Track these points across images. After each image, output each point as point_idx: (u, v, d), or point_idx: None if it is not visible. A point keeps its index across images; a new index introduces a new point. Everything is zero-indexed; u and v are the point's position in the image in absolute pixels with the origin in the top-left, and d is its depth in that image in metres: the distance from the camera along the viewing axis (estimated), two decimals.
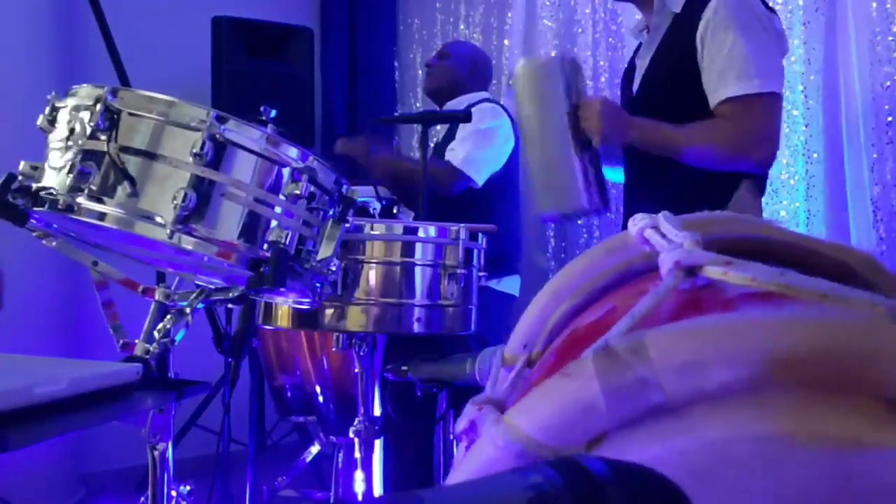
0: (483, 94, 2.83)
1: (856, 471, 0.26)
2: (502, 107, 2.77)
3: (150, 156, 0.92)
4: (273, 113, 1.06)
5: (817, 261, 0.42)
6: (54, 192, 0.93)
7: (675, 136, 1.68)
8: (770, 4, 1.76)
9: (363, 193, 2.07)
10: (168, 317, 1.08)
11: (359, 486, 1.56)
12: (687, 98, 1.69)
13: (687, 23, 1.71)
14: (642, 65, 1.85)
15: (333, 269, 1.10)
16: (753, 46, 1.62)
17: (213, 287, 1.14)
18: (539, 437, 0.30)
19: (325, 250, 1.08)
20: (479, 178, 2.58)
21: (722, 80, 1.64)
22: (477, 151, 2.57)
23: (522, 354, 0.46)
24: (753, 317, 0.30)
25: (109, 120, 0.92)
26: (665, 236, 0.41)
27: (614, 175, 2.07)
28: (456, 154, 2.56)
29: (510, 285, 2.66)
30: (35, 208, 0.96)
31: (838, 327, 0.28)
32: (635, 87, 1.87)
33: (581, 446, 0.30)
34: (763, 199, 1.99)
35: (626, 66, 2.05)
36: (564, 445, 0.30)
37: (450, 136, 2.74)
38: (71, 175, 0.92)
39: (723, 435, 0.27)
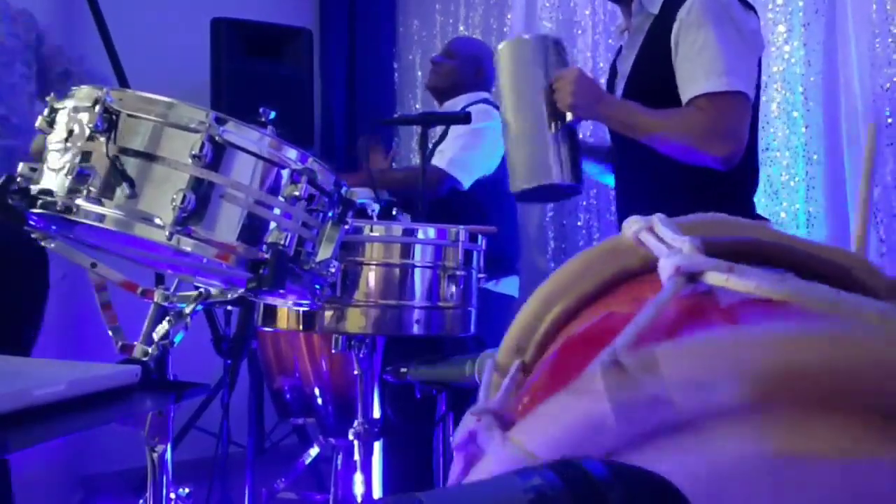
0: (482, 95, 2.84)
1: (867, 485, 0.26)
2: (497, 107, 2.78)
3: (149, 157, 0.92)
4: (272, 114, 1.06)
5: (812, 263, 0.42)
6: (53, 194, 0.93)
7: (644, 121, 1.69)
8: (749, 2, 1.76)
9: (362, 195, 2.07)
10: (167, 318, 1.08)
11: (358, 489, 1.56)
12: (670, 101, 1.69)
13: (664, 24, 1.71)
14: (625, 68, 1.86)
15: (333, 270, 1.10)
16: (725, 45, 1.62)
17: (212, 289, 1.14)
18: (547, 456, 0.30)
19: (325, 252, 1.08)
20: (466, 180, 2.59)
21: (692, 77, 1.65)
22: (464, 153, 2.58)
23: (516, 359, 0.45)
24: (762, 331, 0.30)
25: (108, 121, 0.92)
26: (662, 240, 0.41)
27: (605, 178, 2.08)
28: (443, 156, 2.58)
29: (508, 286, 2.66)
30: (33, 210, 0.95)
31: (848, 342, 0.28)
32: (619, 91, 1.87)
33: None
34: (763, 201, 1.99)
35: (609, 67, 2.06)
36: None
37: (446, 137, 2.74)
38: (69, 177, 0.92)
39: (732, 452, 0.27)
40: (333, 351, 1.56)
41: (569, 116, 1.72)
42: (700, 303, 0.37)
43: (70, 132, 0.94)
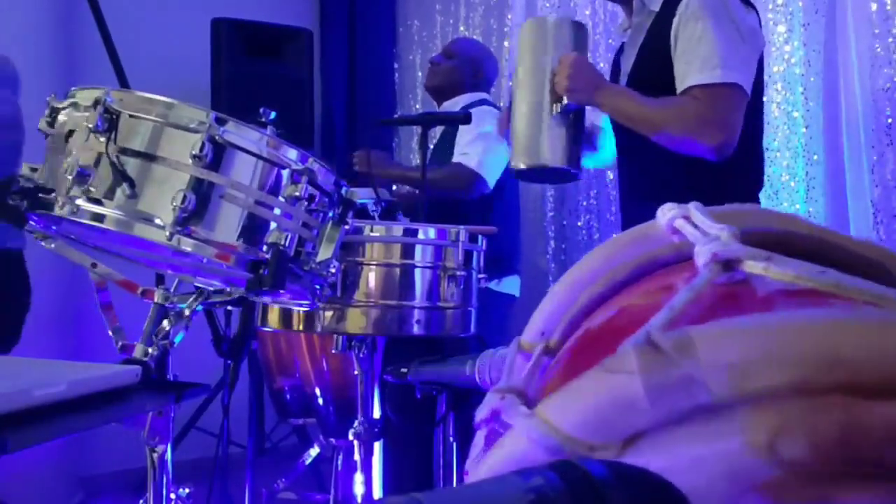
0: (481, 95, 2.84)
1: None
2: (498, 109, 2.78)
3: (149, 157, 0.92)
4: (272, 114, 1.06)
5: (846, 257, 0.41)
6: (53, 194, 0.93)
7: (639, 109, 1.70)
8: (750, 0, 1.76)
9: (363, 195, 2.07)
10: (167, 319, 1.08)
11: (358, 489, 1.56)
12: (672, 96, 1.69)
13: (665, 21, 1.72)
14: (627, 66, 1.86)
15: (333, 270, 1.10)
16: (720, 38, 1.62)
17: (212, 289, 1.14)
18: (574, 432, 0.30)
19: (325, 252, 1.08)
20: (492, 182, 2.59)
21: (687, 69, 1.65)
22: (488, 155, 2.58)
23: (540, 341, 0.44)
24: (806, 316, 0.29)
25: (109, 121, 0.92)
26: (698, 227, 0.40)
27: (600, 160, 2.08)
28: (469, 158, 2.57)
29: (510, 286, 2.66)
30: (34, 210, 0.95)
31: None
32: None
33: (618, 443, 0.29)
34: (764, 201, 1.99)
35: (610, 67, 2.06)
36: (600, 442, 0.29)
37: (447, 137, 2.74)
38: (70, 177, 0.91)
39: (767, 440, 0.27)
40: (334, 351, 1.56)
41: (565, 100, 1.73)
42: (736, 291, 0.36)
43: (70, 132, 0.94)
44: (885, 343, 0.27)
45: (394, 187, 2.62)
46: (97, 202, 0.91)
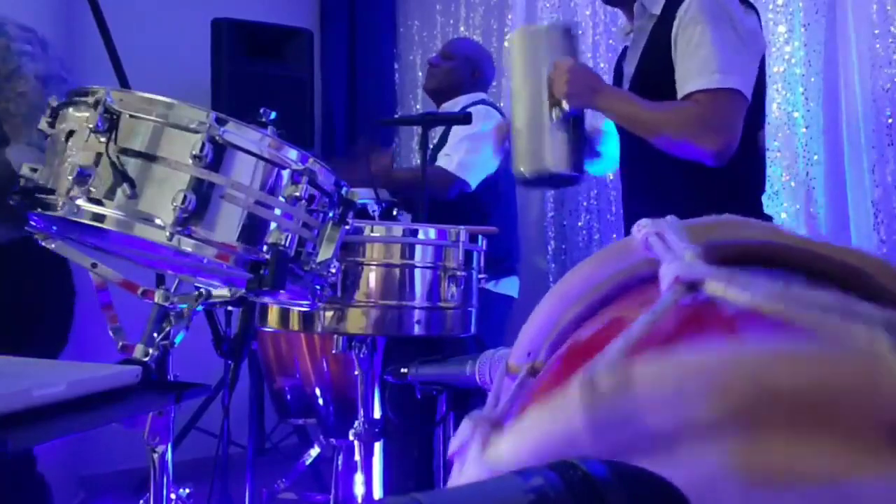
0: (479, 95, 2.84)
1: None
2: (496, 108, 2.78)
3: (149, 158, 0.92)
4: (273, 115, 1.06)
5: (828, 266, 0.41)
6: (54, 195, 0.93)
7: (639, 112, 1.70)
8: (750, 1, 1.76)
9: (363, 195, 2.07)
10: (167, 319, 1.08)
11: (359, 489, 1.56)
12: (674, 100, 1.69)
13: (666, 24, 1.72)
14: (629, 70, 1.86)
15: (333, 271, 1.10)
16: (720, 43, 1.62)
17: (212, 289, 1.14)
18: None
19: (325, 252, 1.08)
20: (473, 181, 2.59)
21: (687, 74, 1.66)
22: (469, 156, 2.58)
23: (526, 363, 0.45)
24: (744, 349, 0.29)
25: (109, 122, 0.92)
26: (668, 245, 0.40)
27: (605, 166, 2.09)
28: (451, 159, 2.58)
29: (508, 287, 2.66)
30: (34, 210, 0.95)
31: (833, 361, 0.27)
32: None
33: None
34: (764, 202, 2.00)
35: (613, 70, 2.07)
36: None
37: (446, 138, 2.74)
38: (70, 177, 0.92)
39: (709, 473, 0.27)
40: (334, 351, 1.56)
41: (565, 105, 1.73)
42: (700, 313, 0.36)
43: (70, 132, 0.95)
44: (818, 374, 0.27)
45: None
46: (97, 202, 0.92)
